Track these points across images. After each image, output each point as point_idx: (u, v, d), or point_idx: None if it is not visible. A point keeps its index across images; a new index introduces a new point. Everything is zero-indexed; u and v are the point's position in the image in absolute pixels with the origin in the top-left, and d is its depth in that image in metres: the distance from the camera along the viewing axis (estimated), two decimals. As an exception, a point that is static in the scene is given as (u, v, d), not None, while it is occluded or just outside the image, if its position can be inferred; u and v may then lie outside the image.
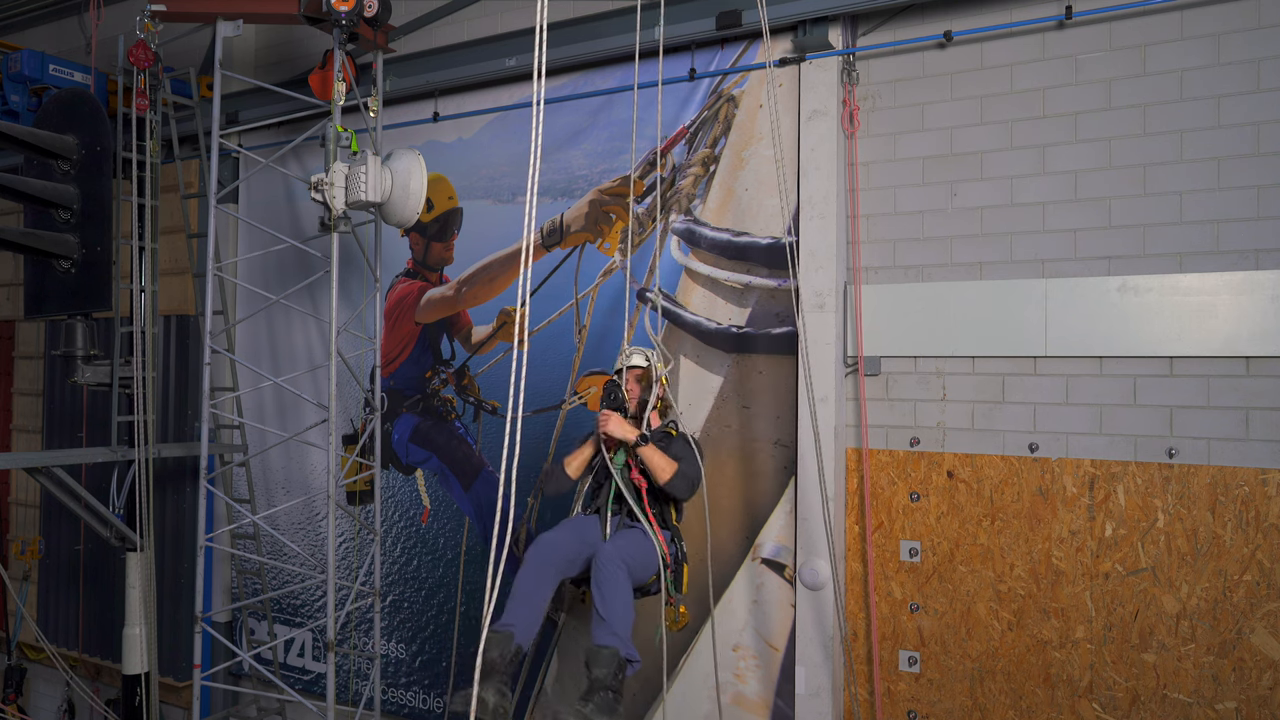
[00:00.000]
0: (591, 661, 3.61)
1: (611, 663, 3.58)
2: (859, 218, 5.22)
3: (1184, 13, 4.54)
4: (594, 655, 3.62)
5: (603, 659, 3.59)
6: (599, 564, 3.79)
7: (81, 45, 8.14)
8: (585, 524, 4.13)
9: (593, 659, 3.61)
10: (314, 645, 7.20)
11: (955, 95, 5.02)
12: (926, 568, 5.02)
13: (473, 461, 6.48)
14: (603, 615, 3.70)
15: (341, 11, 5.33)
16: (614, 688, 3.59)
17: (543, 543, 3.88)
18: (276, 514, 7.16)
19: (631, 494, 4.07)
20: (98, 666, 8.16)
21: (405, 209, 5.50)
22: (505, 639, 3.58)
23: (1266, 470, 4.34)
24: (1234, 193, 4.43)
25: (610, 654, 3.60)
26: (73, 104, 6.12)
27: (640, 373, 4.39)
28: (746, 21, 5.23)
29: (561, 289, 6.07)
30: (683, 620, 4.25)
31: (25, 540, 8.45)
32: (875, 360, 5.14)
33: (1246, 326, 4.37)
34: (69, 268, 6.01)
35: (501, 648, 3.55)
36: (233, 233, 7.47)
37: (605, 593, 3.72)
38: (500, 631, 3.59)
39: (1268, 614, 4.33)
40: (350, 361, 6.32)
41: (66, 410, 8.36)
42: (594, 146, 6.02)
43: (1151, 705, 4.54)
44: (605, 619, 3.69)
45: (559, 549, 3.88)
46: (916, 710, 5.06)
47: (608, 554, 3.83)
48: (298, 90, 6.23)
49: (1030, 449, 4.80)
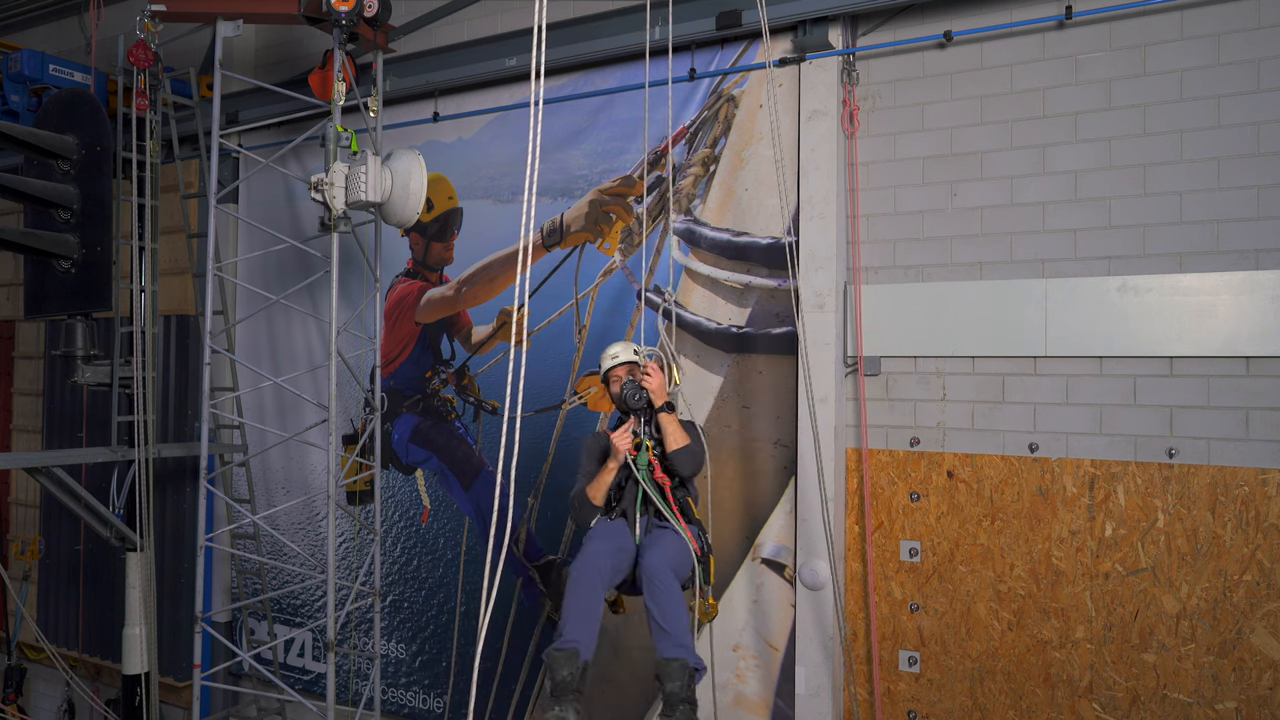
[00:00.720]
0: (664, 676, 3.64)
1: (683, 674, 3.62)
2: (859, 218, 5.22)
3: (1184, 13, 4.54)
4: (665, 669, 3.64)
5: (674, 672, 3.62)
6: (650, 577, 3.79)
7: (81, 45, 8.14)
8: (618, 530, 4.08)
9: (664, 673, 3.64)
10: (314, 645, 7.20)
11: (955, 95, 5.01)
12: (926, 568, 5.02)
13: (473, 461, 6.48)
14: (665, 628, 3.71)
15: (341, 11, 5.33)
16: (690, 699, 3.65)
17: (587, 558, 3.85)
18: (276, 514, 7.16)
19: (657, 494, 4.07)
20: (98, 666, 8.16)
21: (405, 209, 5.50)
22: (571, 656, 3.59)
23: (1266, 470, 4.34)
24: (1234, 193, 4.43)
25: (680, 666, 3.63)
26: (73, 104, 6.12)
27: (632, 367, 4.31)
28: (746, 21, 5.23)
29: (561, 289, 6.07)
30: (712, 612, 4.26)
31: (25, 540, 8.45)
32: (875, 360, 5.14)
33: (1246, 326, 4.37)
34: (69, 268, 6.01)
35: (569, 665, 3.58)
36: (233, 233, 7.47)
37: (663, 605, 3.73)
38: (565, 649, 3.60)
39: (1268, 614, 4.33)
40: (350, 361, 6.32)
41: (66, 410, 8.36)
42: (594, 146, 6.02)
43: (1151, 705, 4.53)
44: (668, 631, 3.70)
45: (603, 562, 3.87)
46: (916, 710, 5.06)
47: (657, 565, 3.83)
48: (298, 90, 6.23)
49: (1030, 449, 4.80)
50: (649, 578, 3.78)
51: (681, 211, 5.64)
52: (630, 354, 4.29)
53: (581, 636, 3.65)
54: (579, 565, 3.83)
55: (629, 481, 4.14)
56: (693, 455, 4.11)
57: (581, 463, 4.34)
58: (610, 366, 4.29)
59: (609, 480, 4.08)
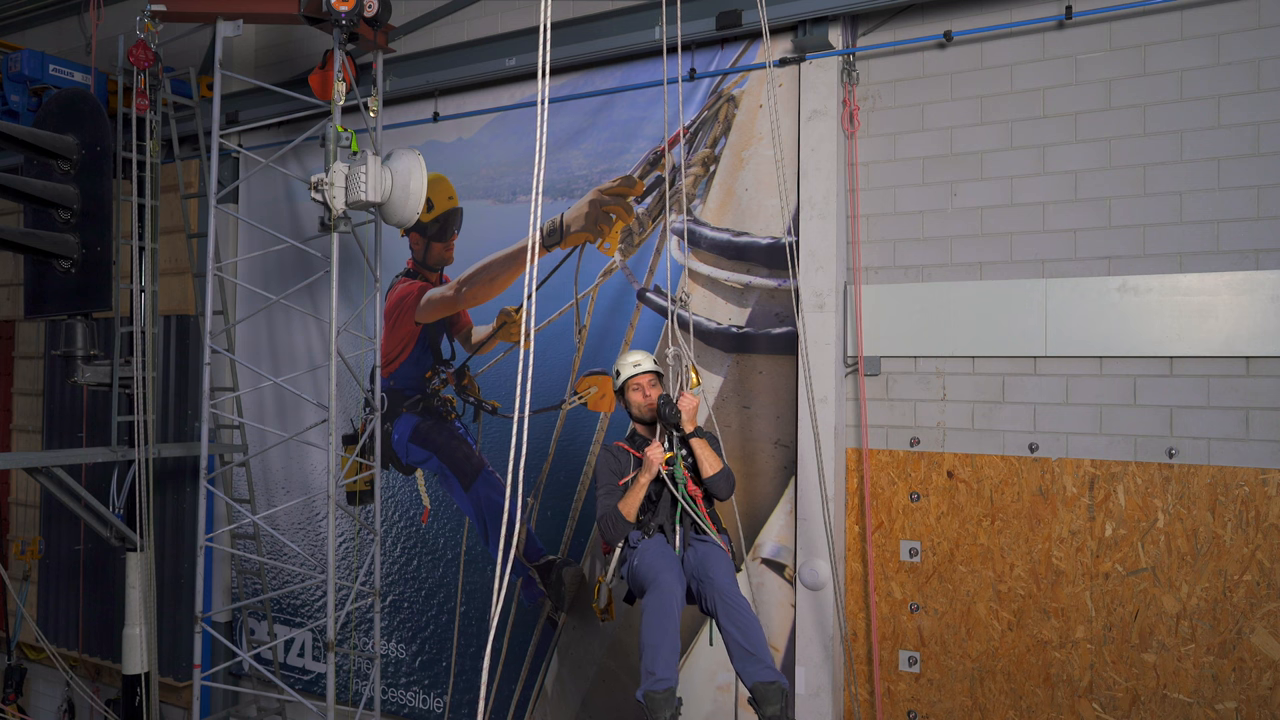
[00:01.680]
0: (762, 700, 3.61)
1: (781, 697, 3.60)
2: (859, 218, 5.22)
3: (1184, 13, 4.54)
4: (763, 694, 3.61)
5: (773, 695, 3.60)
6: (728, 600, 3.78)
7: (81, 45, 8.14)
8: (666, 551, 4.03)
9: (763, 697, 3.61)
10: (314, 645, 7.20)
11: (955, 95, 5.02)
12: (926, 568, 5.02)
13: (473, 461, 6.48)
14: (751, 650, 3.69)
15: (341, 11, 5.34)
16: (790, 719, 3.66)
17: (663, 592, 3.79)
18: (276, 514, 7.16)
19: (692, 507, 4.07)
20: (98, 666, 8.16)
21: (405, 209, 5.50)
22: (669, 696, 3.60)
23: (1266, 470, 4.34)
24: (1234, 193, 4.43)
25: (778, 689, 3.61)
26: (73, 104, 6.12)
27: (653, 376, 4.31)
28: (746, 21, 5.23)
29: (561, 289, 6.07)
30: None
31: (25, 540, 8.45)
32: (875, 360, 5.14)
33: (1246, 326, 4.37)
34: (69, 268, 6.01)
35: (669, 706, 3.59)
36: (233, 233, 7.47)
37: (745, 627, 3.73)
38: (663, 691, 3.59)
39: (1268, 614, 4.33)
40: (350, 361, 6.32)
41: (66, 410, 8.36)
42: (594, 146, 6.02)
43: (1151, 705, 4.54)
44: (754, 653, 3.69)
45: (678, 591, 3.85)
46: (916, 710, 5.06)
47: (730, 587, 3.83)
48: (298, 90, 6.23)
49: (1030, 449, 4.80)
50: (725, 601, 3.77)
51: (681, 211, 5.64)
52: (652, 364, 4.27)
53: (672, 673, 3.66)
54: (657, 600, 3.76)
55: (661, 495, 4.11)
56: (728, 479, 4.15)
57: (602, 479, 4.23)
58: (631, 375, 4.25)
59: (640, 496, 4.03)
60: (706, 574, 3.88)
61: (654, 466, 4.00)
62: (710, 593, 3.83)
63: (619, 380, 4.31)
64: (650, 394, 4.25)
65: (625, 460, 4.22)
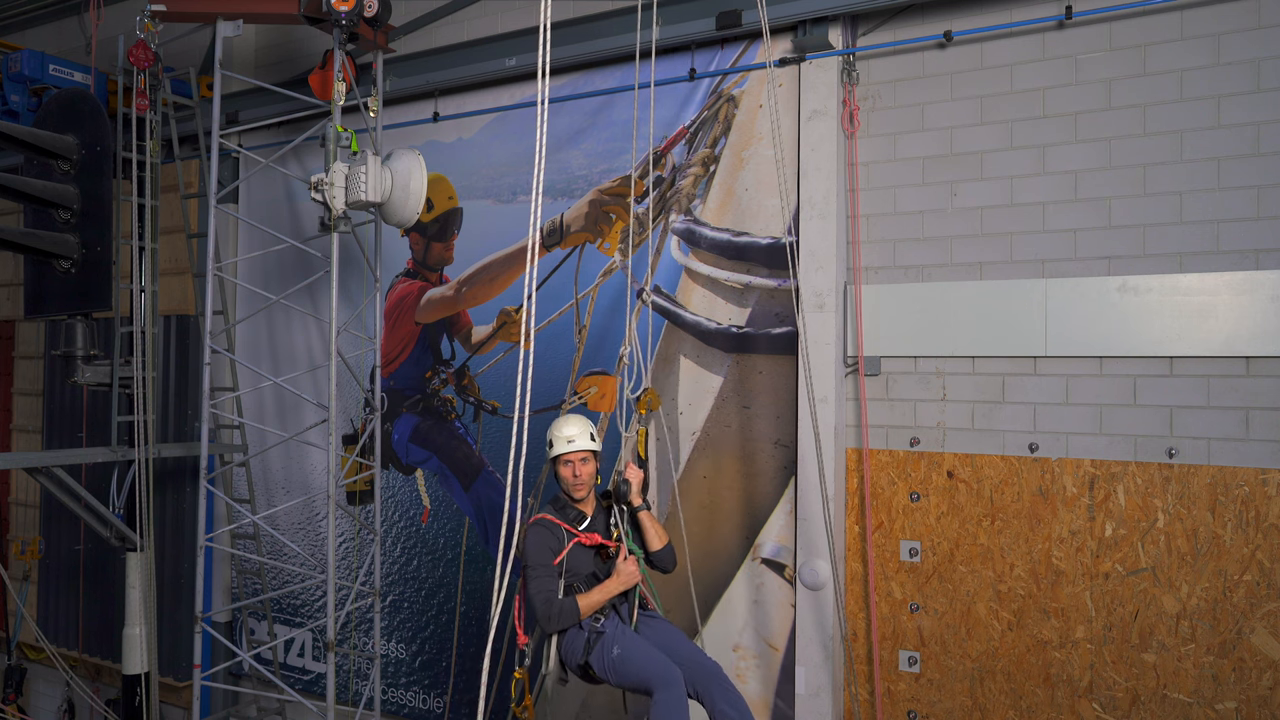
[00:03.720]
0: None
1: None
2: (859, 218, 5.22)
3: (1184, 13, 4.54)
4: None
5: None
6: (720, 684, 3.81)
7: (81, 45, 8.13)
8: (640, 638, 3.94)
9: None
10: (314, 645, 7.20)
11: (955, 95, 5.01)
12: (926, 568, 5.02)
13: (472, 461, 6.48)
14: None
15: (341, 11, 5.34)
16: None
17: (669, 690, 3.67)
18: (276, 514, 7.16)
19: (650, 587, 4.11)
20: (98, 666, 8.16)
21: (405, 209, 5.50)
22: None
23: (1266, 470, 4.34)
24: (1234, 193, 4.43)
25: None
26: (73, 104, 6.12)
27: (587, 454, 4.03)
28: (746, 21, 5.23)
29: (561, 289, 6.07)
30: None
31: (25, 540, 8.45)
32: (875, 360, 5.14)
33: (1246, 326, 4.37)
34: (69, 268, 6.01)
35: None
36: (233, 233, 7.47)
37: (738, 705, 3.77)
38: None
39: (1268, 614, 4.33)
40: (350, 361, 6.32)
41: (66, 410, 8.36)
42: (594, 146, 6.02)
43: (1151, 705, 4.54)
44: None
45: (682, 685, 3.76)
46: (916, 710, 5.06)
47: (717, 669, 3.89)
48: (298, 90, 6.22)
49: (1030, 449, 4.80)
50: (720, 683, 3.82)
51: (681, 211, 5.64)
52: (588, 440, 4.02)
53: None
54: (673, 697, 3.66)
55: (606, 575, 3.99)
56: (672, 552, 4.15)
57: (535, 558, 3.99)
58: (563, 451, 4.00)
59: (605, 600, 3.93)
60: (692, 657, 3.90)
61: (632, 582, 3.94)
62: (701, 675, 3.82)
63: (551, 451, 4.05)
64: (581, 471, 4.00)
65: (560, 536, 3.99)
